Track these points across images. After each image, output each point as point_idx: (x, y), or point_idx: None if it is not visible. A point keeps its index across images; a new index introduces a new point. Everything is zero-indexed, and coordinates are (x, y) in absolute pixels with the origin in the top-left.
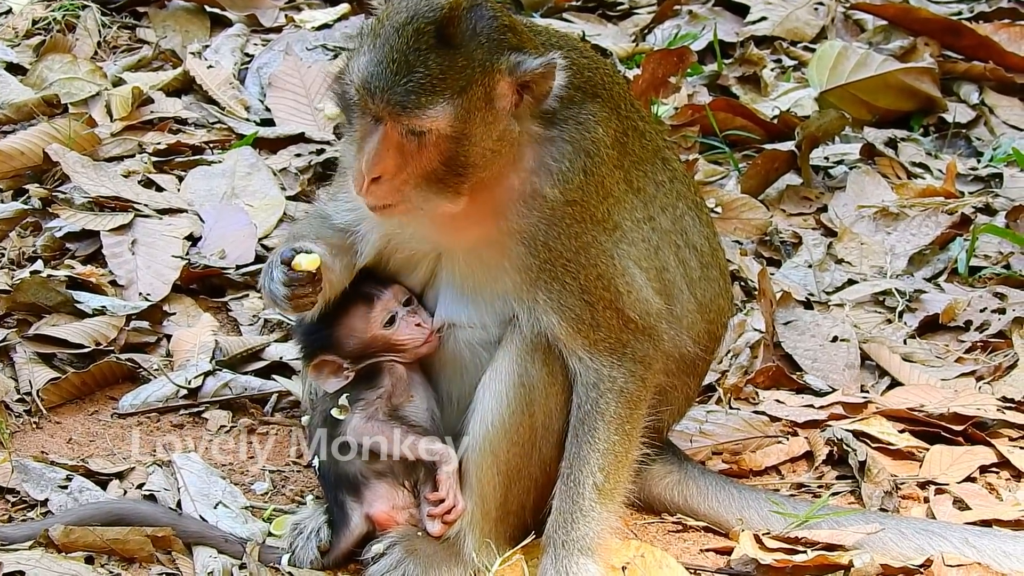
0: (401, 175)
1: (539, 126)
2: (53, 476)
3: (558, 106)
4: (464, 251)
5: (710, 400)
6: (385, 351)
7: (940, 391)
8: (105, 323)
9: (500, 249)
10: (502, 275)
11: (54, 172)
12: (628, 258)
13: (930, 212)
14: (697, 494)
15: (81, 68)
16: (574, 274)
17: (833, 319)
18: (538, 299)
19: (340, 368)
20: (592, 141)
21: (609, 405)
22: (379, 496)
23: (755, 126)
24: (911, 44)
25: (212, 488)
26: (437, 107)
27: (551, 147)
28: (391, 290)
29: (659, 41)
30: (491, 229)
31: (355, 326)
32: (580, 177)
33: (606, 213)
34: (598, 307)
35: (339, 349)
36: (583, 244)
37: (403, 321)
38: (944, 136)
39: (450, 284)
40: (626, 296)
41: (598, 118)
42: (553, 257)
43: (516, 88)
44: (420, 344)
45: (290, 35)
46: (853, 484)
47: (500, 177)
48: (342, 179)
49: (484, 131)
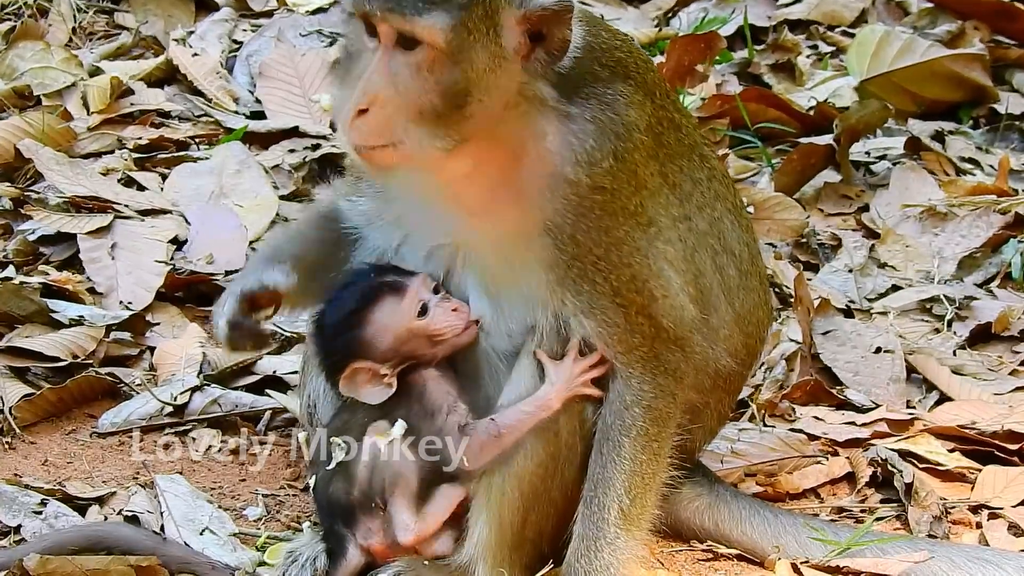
0: (392, 105)
1: (559, 97)
2: (27, 500)
3: (581, 80)
4: (487, 245)
5: (743, 417)
6: (422, 348)
7: (993, 406)
8: (83, 334)
9: (525, 242)
10: (528, 274)
11: (26, 170)
12: (663, 259)
13: (981, 211)
14: (729, 519)
15: (55, 56)
16: (605, 274)
17: (876, 328)
18: (566, 301)
19: (377, 375)
20: (623, 124)
21: (636, 421)
22: (369, 530)
23: (790, 118)
24: (959, 28)
25: (198, 513)
26: (434, 14)
27: (573, 125)
28: (418, 278)
29: (684, 26)
30: (514, 218)
31: (387, 322)
32: (610, 161)
33: (640, 206)
34: (631, 312)
35: (372, 352)
36: (615, 240)
37: (437, 308)
38: (996, 129)
39: (472, 285)
40: (661, 301)
41: (630, 100)
42: (582, 253)
43: (526, 31)
44: (460, 331)
45: (282, 20)
46: (899, 508)
47: (516, 147)
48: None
49: (487, 63)
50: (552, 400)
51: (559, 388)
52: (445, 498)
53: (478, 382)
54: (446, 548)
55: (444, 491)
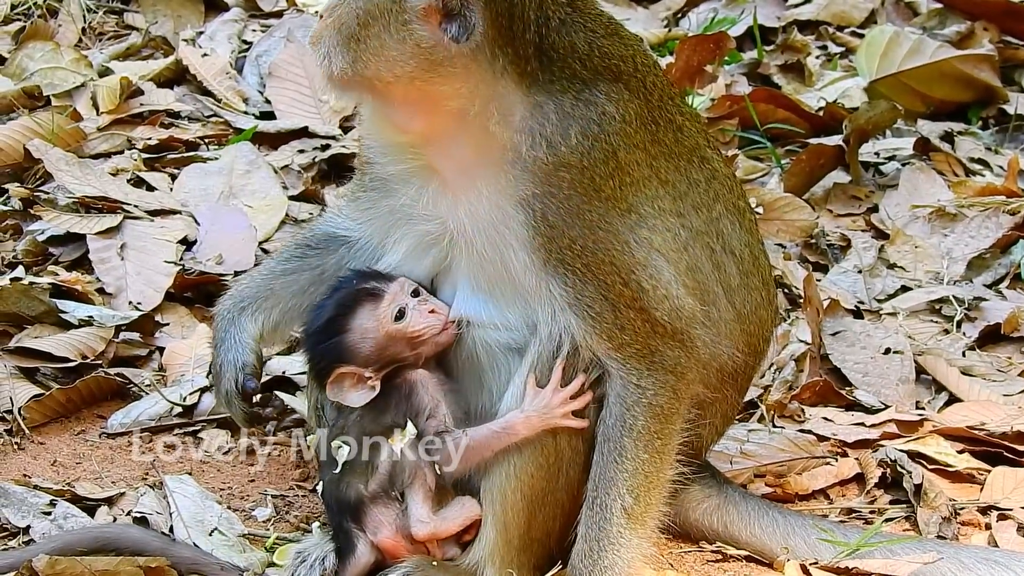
0: (331, 17)
1: (523, 83)
2: (36, 501)
3: (556, 75)
4: (472, 226)
5: (752, 418)
6: (404, 350)
7: (1002, 408)
8: (92, 335)
9: (503, 219)
10: (511, 255)
11: (36, 170)
12: (650, 247)
13: (990, 212)
14: (738, 520)
15: (64, 57)
16: (584, 261)
17: (885, 329)
18: (552, 291)
19: (362, 379)
20: (599, 113)
21: (638, 419)
22: (382, 523)
23: (799, 119)
24: (968, 29)
25: (207, 514)
26: None
27: (538, 111)
28: (396, 283)
29: (693, 26)
30: (490, 193)
31: (365, 327)
32: (578, 140)
33: (616, 189)
34: (619, 305)
35: (355, 357)
36: (588, 223)
37: (415, 311)
38: (1005, 129)
39: (463, 279)
40: (651, 293)
41: (610, 97)
42: (556, 235)
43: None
44: (438, 332)
45: (292, 20)
46: (908, 509)
47: (482, 123)
48: (359, 179)
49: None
50: (518, 427)
51: (529, 417)
52: (463, 508)
53: (477, 378)
54: (455, 552)
55: (463, 501)
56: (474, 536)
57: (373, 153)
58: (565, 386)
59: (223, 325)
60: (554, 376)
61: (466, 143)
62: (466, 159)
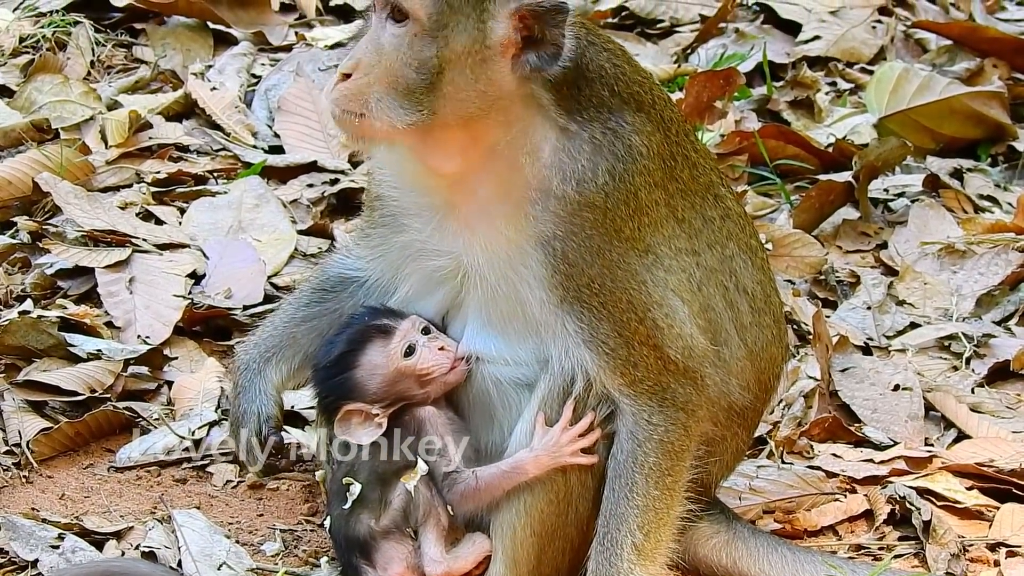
0: (372, 74)
1: (561, 112)
2: (44, 535)
3: (588, 102)
4: (487, 262)
5: (761, 454)
6: (412, 387)
7: (1011, 444)
8: (101, 368)
9: (521, 257)
10: (527, 292)
11: (44, 203)
12: (666, 287)
13: (1000, 249)
14: (747, 556)
15: (73, 90)
16: (601, 299)
17: (894, 366)
18: (567, 327)
19: (369, 416)
20: (624, 147)
21: (648, 456)
22: (392, 559)
23: (808, 155)
24: (978, 66)
25: (216, 548)
26: None
27: (569, 141)
28: (408, 320)
29: (703, 62)
30: (509, 231)
31: (375, 363)
32: (604, 179)
33: (636, 230)
34: (634, 342)
35: (363, 393)
36: (608, 262)
37: (424, 348)
38: (1014, 166)
39: (475, 316)
40: (666, 331)
41: (637, 129)
42: (575, 272)
43: (518, 27)
44: (447, 370)
45: (300, 54)
46: (917, 546)
47: (510, 156)
48: (368, 215)
49: (466, 46)
50: (527, 466)
51: (539, 456)
52: (474, 546)
53: (487, 414)
54: None
55: (475, 538)
56: (484, 570)
57: (385, 189)
58: (574, 424)
59: (248, 375)
60: (564, 414)
61: (490, 180)
62: (488, 196)
